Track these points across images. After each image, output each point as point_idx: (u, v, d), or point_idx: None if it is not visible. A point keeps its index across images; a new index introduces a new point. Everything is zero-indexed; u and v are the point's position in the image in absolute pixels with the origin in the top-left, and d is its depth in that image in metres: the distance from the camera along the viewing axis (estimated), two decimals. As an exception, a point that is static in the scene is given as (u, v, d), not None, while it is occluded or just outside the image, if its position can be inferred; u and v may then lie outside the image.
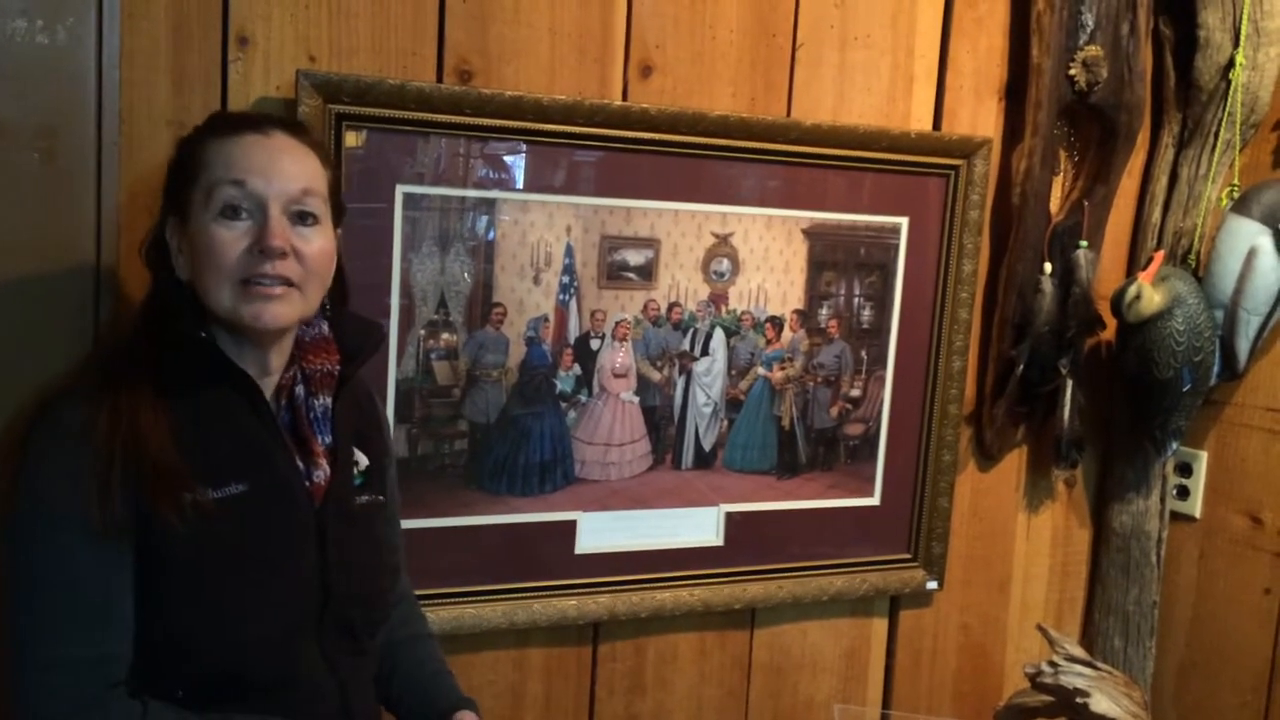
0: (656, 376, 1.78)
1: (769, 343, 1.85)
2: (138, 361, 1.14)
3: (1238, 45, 1.93)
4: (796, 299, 1.85)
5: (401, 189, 1.56)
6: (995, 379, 2.00)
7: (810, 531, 1.92)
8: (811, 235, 1.84)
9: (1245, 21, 1.92)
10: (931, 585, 2.02)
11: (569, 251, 1.68)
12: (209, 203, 1.12)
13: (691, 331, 1.79)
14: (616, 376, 1.75)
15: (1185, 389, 1.95)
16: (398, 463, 1.49)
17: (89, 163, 1.33)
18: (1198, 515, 2.14)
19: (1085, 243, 1.96)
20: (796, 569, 1.91)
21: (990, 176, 1.93)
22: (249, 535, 1.14)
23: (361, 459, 1.28)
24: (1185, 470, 2.15)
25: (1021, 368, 1.96)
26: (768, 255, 1.81)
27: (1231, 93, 1.95)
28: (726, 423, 1.84)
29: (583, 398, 1.73)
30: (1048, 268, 1.95)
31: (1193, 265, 2.03)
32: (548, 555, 1.74)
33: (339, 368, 1.25)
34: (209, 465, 1.12)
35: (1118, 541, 2.16)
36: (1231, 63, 1.94)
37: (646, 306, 1.75)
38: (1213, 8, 1.95)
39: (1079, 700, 1.70)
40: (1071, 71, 1.88)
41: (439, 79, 1.58)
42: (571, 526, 1.75)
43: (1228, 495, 2.10)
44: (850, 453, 1.94)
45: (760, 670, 1.96)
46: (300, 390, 1.22)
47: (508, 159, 1.64)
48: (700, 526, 1.84)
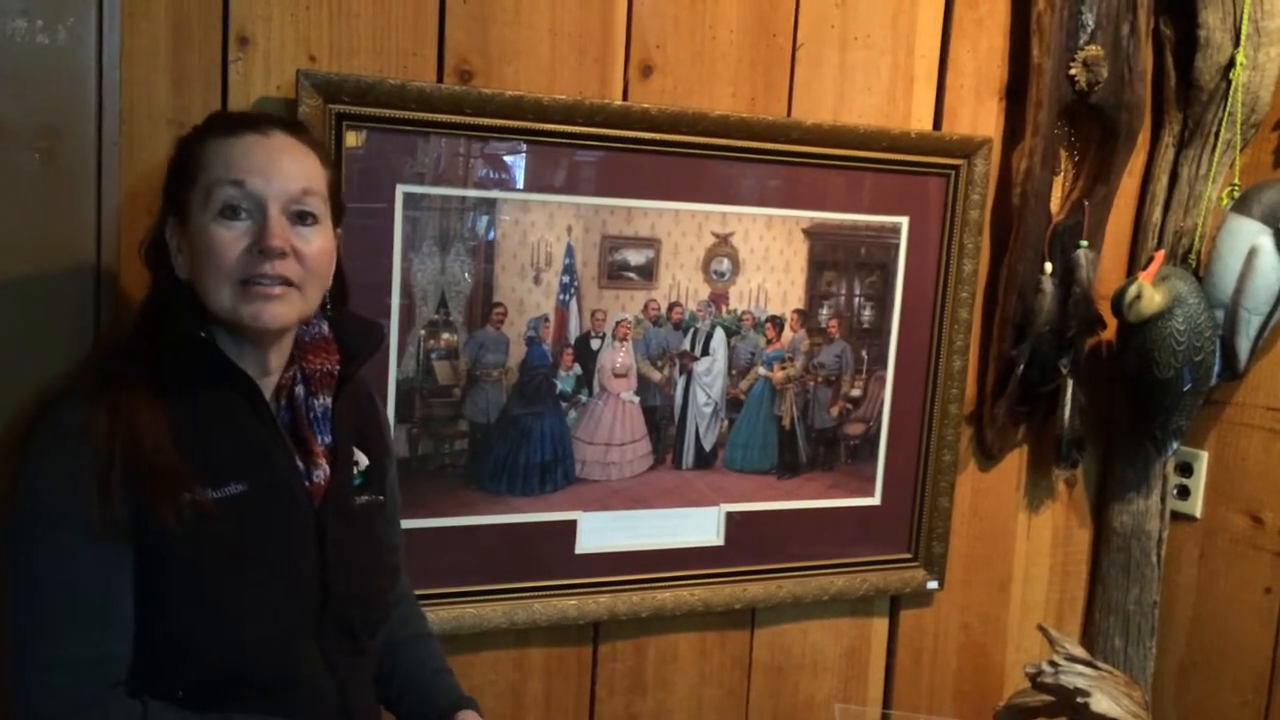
0: (657, 376, 1.78)
1: (769, 342, 1.85)
2: (137, 361, 1.14)
3: (1238, 45, 1.93)
4: (797, 299, 1.85)
5: (402, 189, 1.56)
6: (996, 379, 2.00)
7: (811, 531, 1.92)
8: (812, 235, 1.84)
9: (1245, 21, 1.92)
10: (932, 585, 2.02)
11: (569, 251, 1.68)
12: (208, 203, 1.12)
13: (692, 331, 1.79)
14: (617, 376, 1.75)
15: (1186, 389, 1.95)
16: (398, 463, 1.49)
17: (89, 163, 1.33)
18: (1198, 515, 2.14)
19: (1086, 242, 1.96)
20: (797, 569, 1.91)
21: (991, 176, 1.93)
22: (248, 535, 1.13)
23: (361, 459, 1.28)
24: (1186, 470, 2.15)
25: (1022, 367, 1.96)
26: (768, 255, 1.81)
27: (1232, 92, 1.95)
28: (727, 422, 1.84)
29: (583, 397, 1.73)
30: (1048, 267, 1.95)
31: (1193, 265, 2.03)
32: (548, 555, 1.74)
33: (339, 367, 1.25)
34: (208, 465, 1.12)
35: (1118, 541, 2.16)
36: (1232, 62, 1.94)
37: (647, 306, 1.75)
38: (1213, 7, 1.95)
39: (1079, 700, 1.70)
40: (1072, 71, 1.88)
41: (439, 79, 1.58)
42: (572, 526, 1.75)
43: (1228, 495, 2.09)
44: (851, 452, 1.94)
45: (761, 670, 1.96)
46: (300, 390, 1.22)
47: (508, 159, 1.64)
48: (701, 526, 1.84)
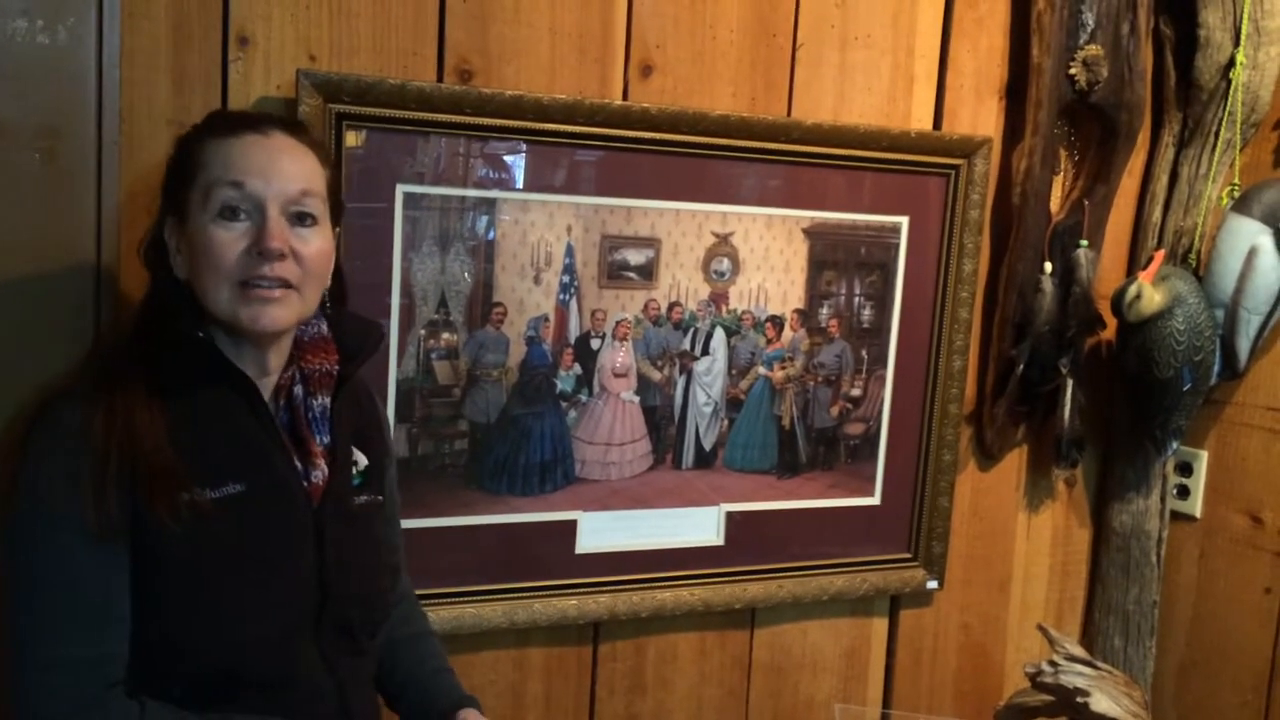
0: (657, 376, 1.78)
1: (769, 342, 1.85)
2: (136, 361, 1.14)
3: (1238, 44, 1.93)
4: (797, 298, 1.85)
5: (402, 188, 1.56)
6: (995, 378, 2.00)
7: (810, 531, 1.92)
8: (812, 235, 1.84)
9: (1245, 21, 1.92)
10: (932, 585, 2.02)
11: (569, 251, 1.68)
12: (207, 203, 1.12)
13: (692, 331, 1.79)
14: (617, 376, 1.75)
15: (1185, 388, 1.95)
16: (398, 462, 1.49)
17: (89, 163, 1.33)
18: (1198, 515, 2.14)
19: (1085, 242, 1.96)
20: (797, 569, 1.91)
21: (990, 176, 1.93)
22: (246, 535, 1.13)
23: (360, 459, 1.28)
24: (1185, 470, 2.15)
25: (1022, 367, 1.96)
26: (768, 255, 1.81)
27: (1232, 92, 1.95)
28: (727, 422, 1.84)
29: (583, 397, 1.73)
30: (1048, 267, 1.95)
31: (1193, 265, 2.02)
32: (548, 555, 1.74)
33: (338, 367, 1.25)
34: (206, 465, 1.12)
35: (1118, 541, 2.16)
36: (1232, 62, 1.94)
37: (647, 306, 1.75)
38: (1213, 7, 1.95)
39: (1079, 700, 1.70)
40: (1072, 71, 1.88)
41: (439, 79, 1.58)
42: (572, 526, 1.75)
43: (1228, 495, 2.09)
44: (850, 452, 1.94)
45: (760, 670, 1.96)
46: (299, 390, 1.22)
47: (508, 158, 1.64)
48: (701, 526, 1.84)
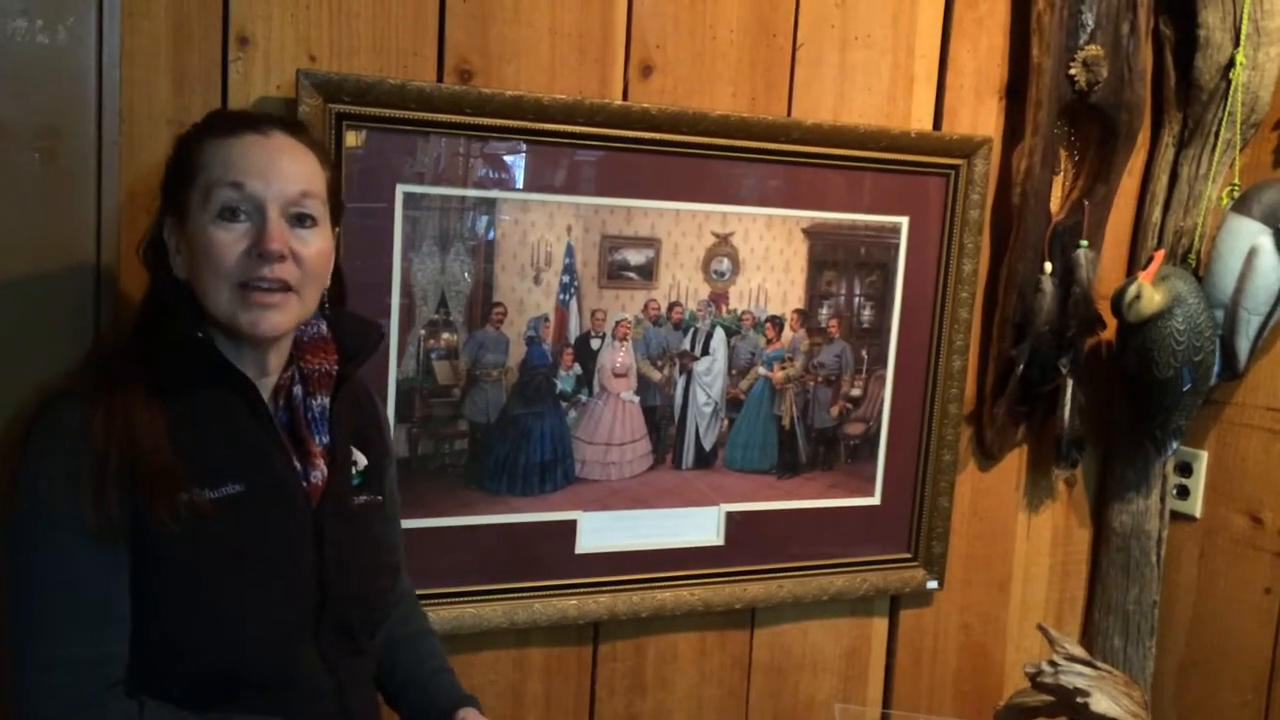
0: (657, 376, 1.78)
1: (769, 342, 1.85)
2: (136, 361, 1.14)
3: (1238, 45, 1.93)
4: (797, 298, 1.85)
5: (402, 188, 1.56)
6: (995, 378, 2.00)
7: (810, 531, 1.92)
8: (812, 235, 1.84)
9: (1245, 21, 1.92)
10: (932, 585, 2.02)
11: (569, 251, 1.68)
12: (207, 204, 1.12)
13: (692, 331, 1.79)
14: (617, 376, 1.75)
15: (1185, 388, 1.95)
16: (398, 462, 1.49)
17: (89, 163, 1.33)
18: (1198, 515, 2.14)
19: (1085, 242, 1.96)
20: (797, 569, 1.91)
21: (990, 176, 1.93)
22: (245, 536, 1.13)
23: (360, 459, 1.28)
24: (1185, 470, 2.15)
25: (1022, 367, 1.96)
26: (768, 255, 1.81)
27: (1232, 92, 1.95)
28: (727, 422, 1.84)
29: (583, 397, 1.73)
30: (1048, 267, 1.95)
31: (1193, 265, 2.02)
32: (548, 555, 1.74)
33: (337, 367, 1.25)
34: (205, 465, 1.12)
35: (1118, 541, 2.16)
36: (1232, 62, 1.94)
37: (647, 306, 1.75)
38: (1213, 7, 1.95)
39: (1079, 700, 1.70)
40: (1072, 71, 1.88)
41: (439, 79, 1.58)
42: (572, 526, 1.75)
43: (1228, 495, 2.09)
44: (850, 452, 1.94)
45: (761, 670, 1.96)
46: (298, 390, 1.22)
47: (508, 159, 1.64)
48: (701, 526, 1.84)
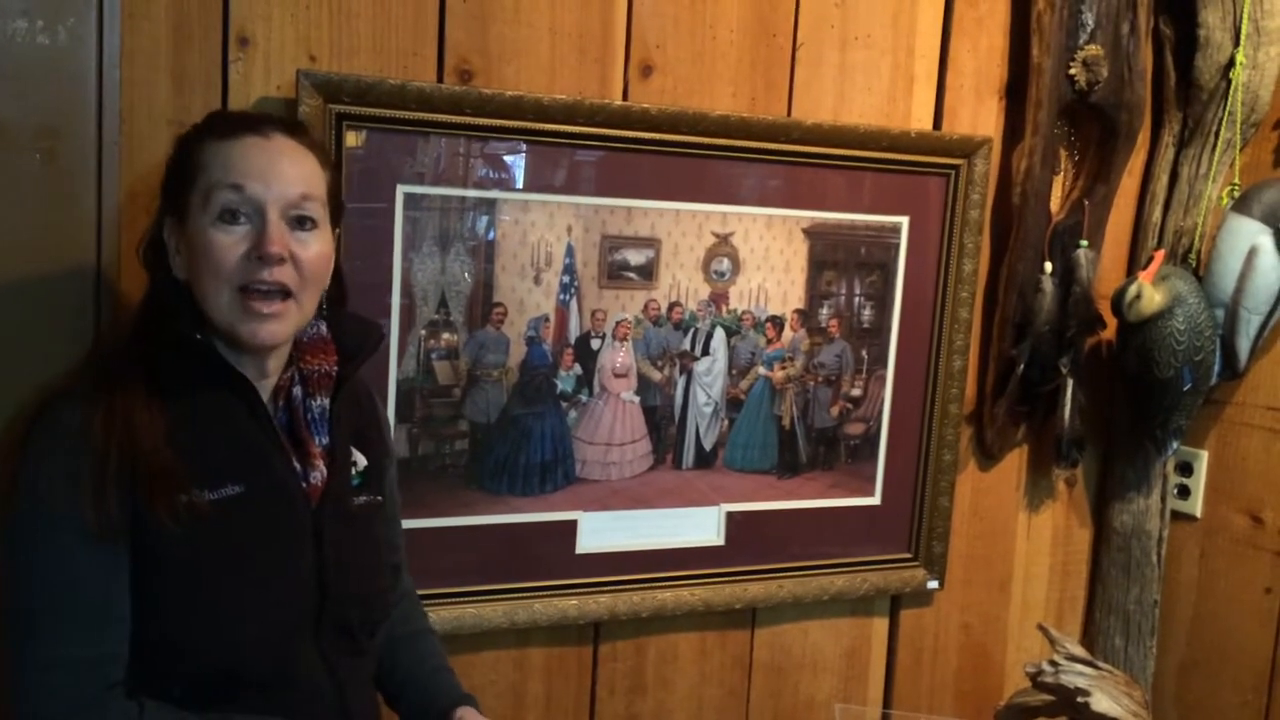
0: (657, 376, 1.78)
1: (769, 342, 1.85)
2: (136, 362, 1.14)
3: (1238, 44, 1.93)
4: (797, 298, 1.85)
5: (402, 189, 1.56)
6: (996, 378, 2.00)
7: (811, 531, 1.92)
8: (812, 235, 1.84)
9: (1245, 21, 1.92)
10: (932, 585, 2.02)
11: (569, 251, 1.68)
12: (207, 206, 1.12)
13: (692, 331, 1.79)
14: (617, 376, 1.75)
15: (1186, 388, 1.95)
16: (398, 463, 1.49)
17: (89, 163, 1.33)
18: (1198, 514, 2.14)
19: (1085, 242, 1.96)
20: (797, 568, 1.91)
21: (991, 176, 1.93)
22: (245, 536, 1.13)
23: (360, 459, 1.28)
24: (1186, 469, 2.15)
25: (1022, 367, 1.96)
26: (768, 255, 1.81)
27: (1232, 92, 1.95)
28: (727, 422, 1.84)
29: (583, 397, 1.73)
30: (1048, 267, 1.95)
31: (1193, 264, 2.02)
32: (548, 555, 1.74)
33: (337, 368, 1.25)
34: (205, 466, 1.12)
35: (1118, 541, 2.16)
36: (1232, 62, 1.94)
37: (647, 306, 1.75)
38: (1213, 7, 1.95)
39: (1080, 699, 1.70)
40: (1072, 71, 1.88)
41: (439, 79, 1.58)
42: (572, 526, 1.75)
43: (1228, 494, 2.09)
44: (851, 452, 1.94)
45: (761, 670, 1.96)
46: (298, 391, 1.22)
47: (508, 159, 1.64)
48: (701, 526, 1.84)
